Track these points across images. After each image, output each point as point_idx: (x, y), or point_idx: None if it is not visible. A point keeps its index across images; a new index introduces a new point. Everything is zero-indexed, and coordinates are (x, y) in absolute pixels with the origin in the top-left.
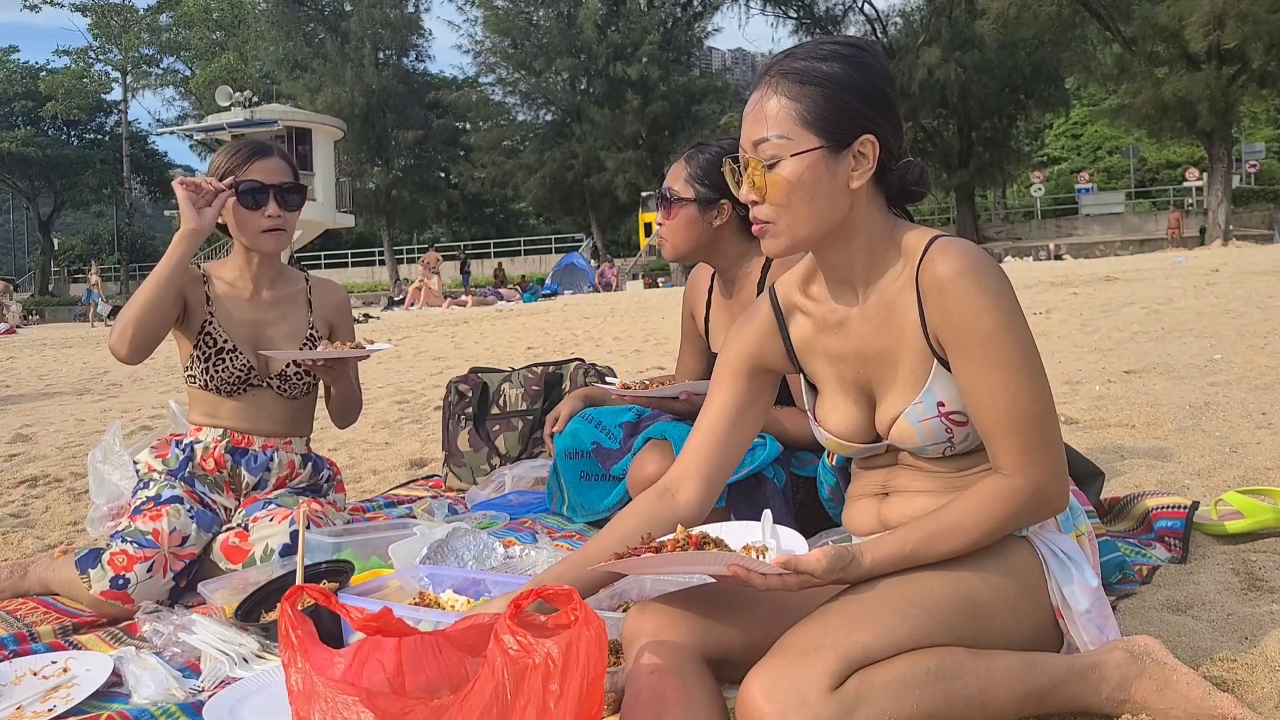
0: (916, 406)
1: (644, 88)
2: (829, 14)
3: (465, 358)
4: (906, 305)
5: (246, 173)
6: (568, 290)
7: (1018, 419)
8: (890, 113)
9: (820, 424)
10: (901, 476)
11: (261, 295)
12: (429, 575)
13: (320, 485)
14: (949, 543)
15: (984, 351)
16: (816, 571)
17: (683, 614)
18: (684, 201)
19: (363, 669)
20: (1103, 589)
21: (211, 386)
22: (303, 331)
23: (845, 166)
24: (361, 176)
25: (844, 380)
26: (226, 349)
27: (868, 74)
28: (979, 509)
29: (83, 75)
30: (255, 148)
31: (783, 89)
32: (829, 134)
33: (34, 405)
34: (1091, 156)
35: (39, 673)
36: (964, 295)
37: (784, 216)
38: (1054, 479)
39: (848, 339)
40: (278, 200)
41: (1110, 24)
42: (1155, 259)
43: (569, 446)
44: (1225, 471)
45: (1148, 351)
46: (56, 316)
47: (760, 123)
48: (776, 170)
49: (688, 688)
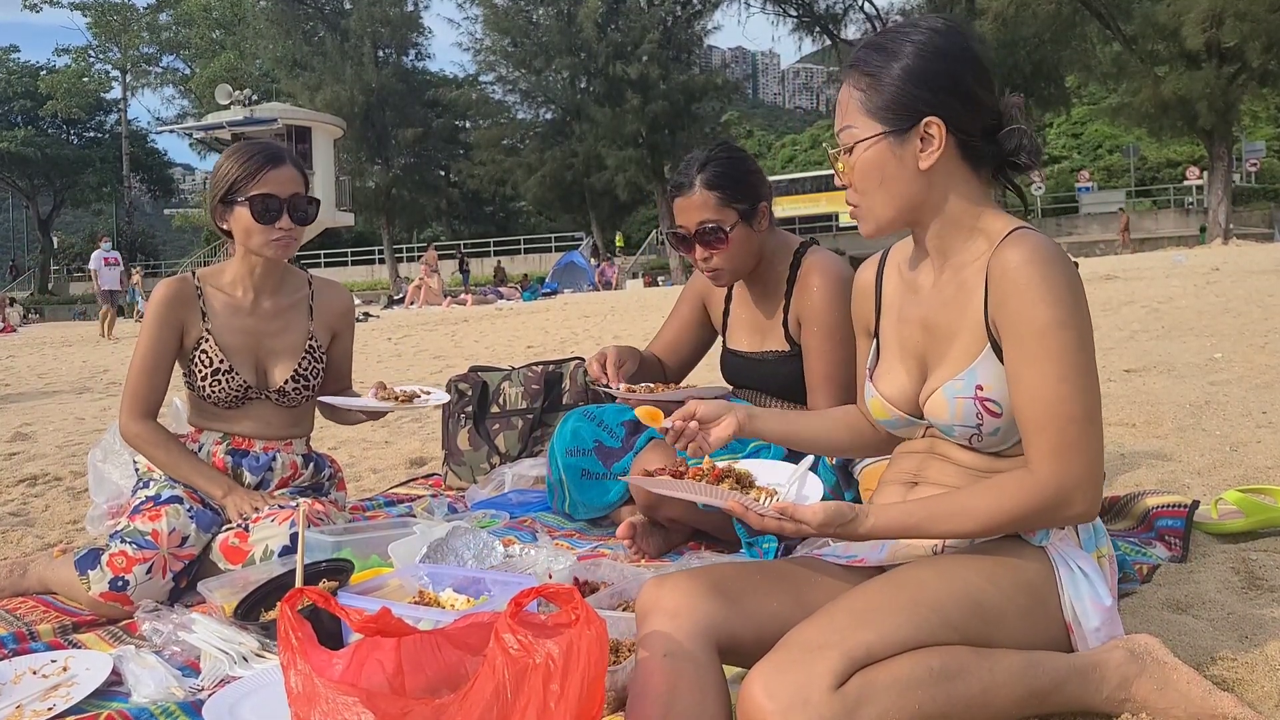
0: (956, 383)
1: (644, 86)
2: (829, 12)
3: (465, 356)
4: (975, 286)
5: (260, 183)
6: (567, 289)
7: (1056, 415)
8: (959, 91)
9: (875, 384)
10: (932, 468)
11: (262, 305)
12: (429, 574)
13: (322, 484)
14: (955, 523)
15: (1035, 342)
16: (812, 523)
17: (701, 595)
18: (734, 226)
19: (362, 669)
20: (1116, 610)
21: (209, 400)
22: (302, 344)
23: (912, 149)
24: (361, 175)
25: (905, 347)
26: (223, 369)
27: (930, 56)
28: (994, 497)
29: (82, 74)
30: (268, 155)
31: (853, 79)
32: (889, 120)
33: (34, 404)
34: (1092, 155)
35: (39, 671)
36: (1025, 283)
37: (864, 200)
38: (1080, 485)
39: (918, 306)
40: (291, 214)
41: (1110, 22)
42: (1156, 258)
43: (570, 444)
44: (1225, 470)
45: (1148, 350)
46: (56, 315)
47: (840, 112)
48: (851, 157)
49: (701, 678)
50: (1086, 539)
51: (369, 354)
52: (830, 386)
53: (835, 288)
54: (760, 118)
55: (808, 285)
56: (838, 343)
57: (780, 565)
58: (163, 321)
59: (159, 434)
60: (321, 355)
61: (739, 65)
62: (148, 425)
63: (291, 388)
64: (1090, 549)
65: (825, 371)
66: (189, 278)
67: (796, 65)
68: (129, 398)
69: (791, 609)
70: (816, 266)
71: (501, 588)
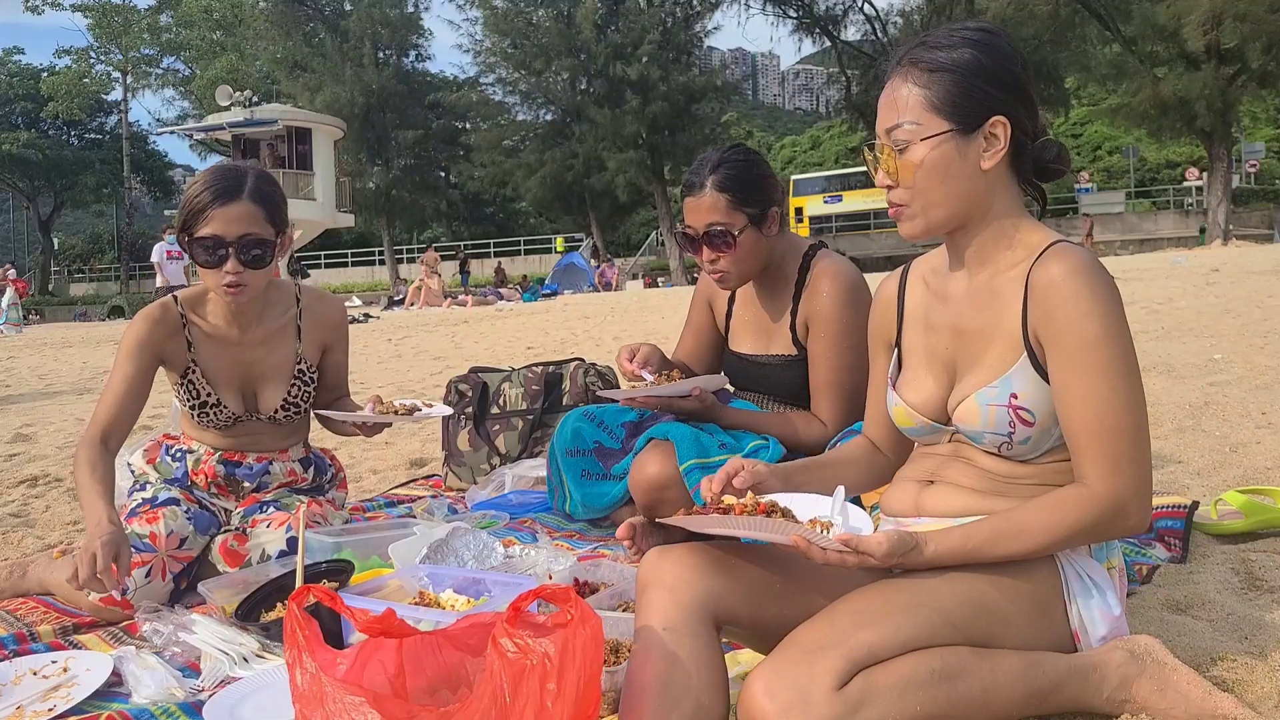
0: (990, 390)
1: (644, 87)
2: (829, 13)
3: (465, 357)
4: (1012, 295)
5: (206, 222)
6: (568, 290)
7: (1108, 428)
8: (1022, 93)
9: (898, 393)
10: (952, 469)
11: (249, 334)
12: (429, 575)
13: (322, 485)
14: (1015, 545)
15: (1083, 355)
16: (877, 554)
17: (702, 570)
18: (742, 230)
19: (364, 669)
20: (1125, 620)
21: (201, 424)
22: (290, 369)
23: (976, 148)
24: (361, 176)
25: (933, 354)
26: (210, 402)
27: (997, 57)
28: (1051, 514)
29: (83, 75)
30: (218, 191)
31: (913, 77)
32: (958, 117)
33: (34, 405)
34: (1091, 156)
35: (39, 672)
36: (1073, 295)
37: (917, 199)
38: (1135, 496)
39: (949, 312)
40: (238, 257)
41: (1110, 23)
42: (1155, 258)
43: (571, 445)
44: (1225, 471)
45: (1147, 351)
46: (56, 316)
47: (892, 110)
48: (907, 155)
49: (698, 653)
50: (1098, 549)
51: (369, 355)
52: (834, 391)
53: (845, 292)
54: (760, 119)
55: (817, 289)
56: (845, 348)
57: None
58: (141, 351)
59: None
60: (312, 376)
61: (739, 66)
62: (94, 452)
63: (283, 415)
64: (1101, 559)
65: (829, 377)
66: (171, 305)
67: (796, 66)
68: (94, 420)
69: (791, 589)
70: (827, 270)
71: (502, 588)
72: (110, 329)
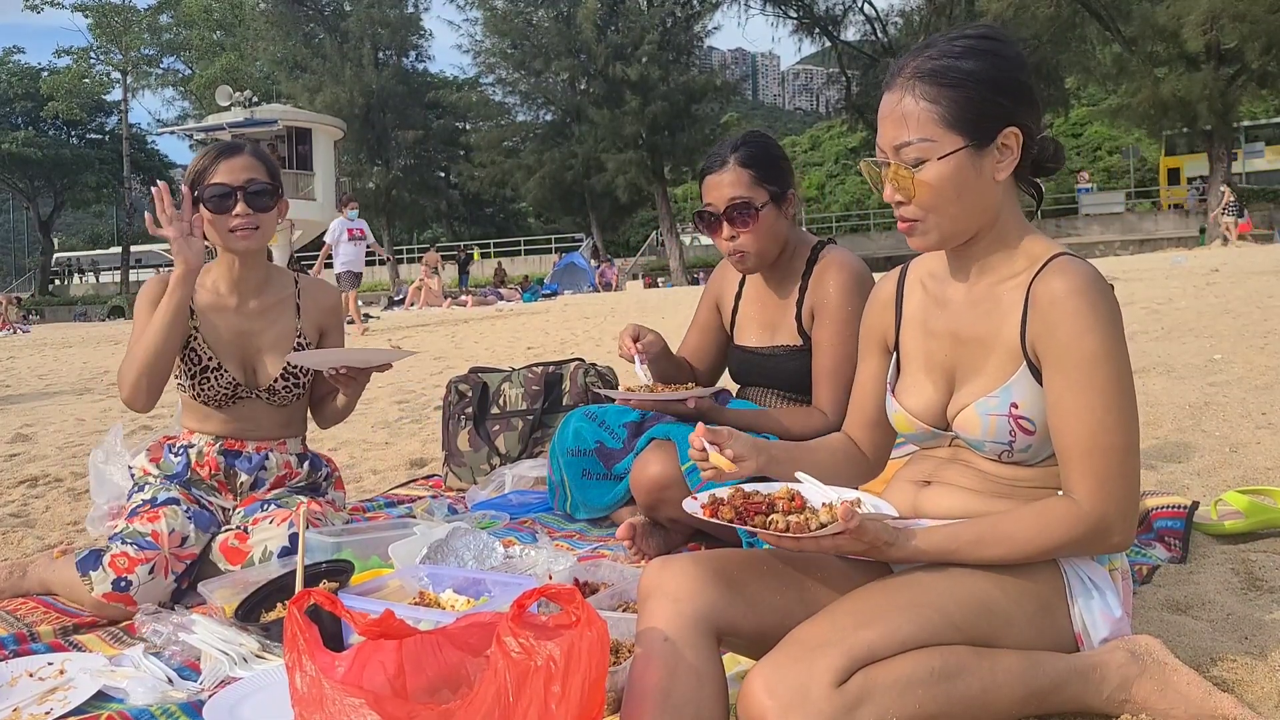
0: (990, 400)
1: (643, 88)
2: (829, 14)
3: (465, 357)
4: (1012, 305)
5: (212, 175)
6: (568, 290)
7: (1099, 446)
8: (1029, 98)
9: (897, 398)
10: (950, 471)
11: (248, 304)
12: (429, 575)
13: (319, 484)
14: (997, 550)
15: (1080, 372)
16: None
17: (704, 582)
18: (764, 205)
19: (364, 670)
20: (1127, 621)
21: (200, 399)
22: (290, 340)
23: (990, 161)
24: (361, 176)
25: (931, 360)
26: (211, 366)
27: (1004, 65)
28: (1037, 525)
29: (83, 75)
30: (222, 148)
31: (920, 90)
32: (973, 132)
33: (34, 405)
34: (1091, 156)
35: (35, 674)
36: (1074, 312)
37: (932, 216)
38: (1120, 516)
39: (948, 319)
40: (245, 200)
41: (1110, 24)
42: (1155, 259)
43: (572, 445)
44: (1225, 471)
45: (1147, 351)
46: (56, 316)
47: (900, 125)
48: (923, 173)
49: (699, 665)
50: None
51: None
52: (835, 380)
53: (852, 283)
54: (760, 119)
55: (824, 279)
56: (848, 338)
57: (785, 556)
58: (154, 305)
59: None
60: None
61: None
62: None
63: (281, 385)
64: (1103, 561)
65: (832, 365)
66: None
67: (796, 66)
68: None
69: (793, 602)
70: (835, 262)
71: (502, 588)
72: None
